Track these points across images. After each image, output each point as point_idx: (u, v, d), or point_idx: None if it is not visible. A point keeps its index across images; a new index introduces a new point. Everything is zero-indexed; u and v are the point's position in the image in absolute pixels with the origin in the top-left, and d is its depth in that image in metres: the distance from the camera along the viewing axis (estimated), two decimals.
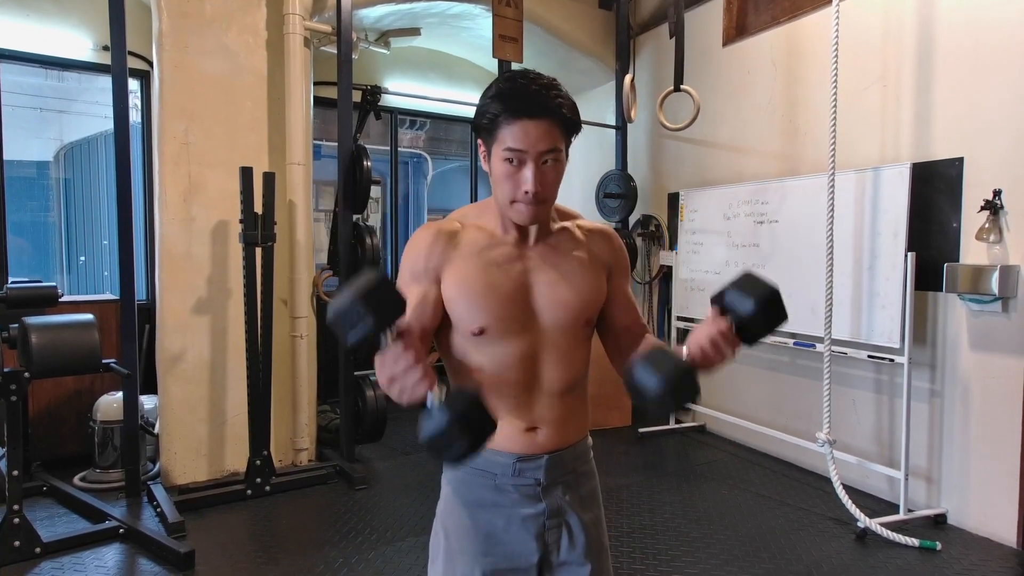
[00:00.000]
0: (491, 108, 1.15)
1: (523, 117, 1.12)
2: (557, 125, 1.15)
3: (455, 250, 1.22)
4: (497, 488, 1.25)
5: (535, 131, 1.13)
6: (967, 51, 3.22)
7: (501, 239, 1.24)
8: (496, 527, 1.25)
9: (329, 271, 4.35)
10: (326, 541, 3.06)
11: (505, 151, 1.14)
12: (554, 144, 1.15)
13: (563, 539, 1.27)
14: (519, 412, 1.23)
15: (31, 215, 5.07)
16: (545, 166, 1.15)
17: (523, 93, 1.13)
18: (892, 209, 3.37)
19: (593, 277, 1.28)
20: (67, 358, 2.88)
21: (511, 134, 1.13)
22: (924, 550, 3.01)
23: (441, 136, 7.02)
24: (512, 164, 1.14)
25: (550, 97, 1.14)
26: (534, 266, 1.24)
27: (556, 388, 1.25)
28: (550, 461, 1.25)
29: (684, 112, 4.65)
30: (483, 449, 1.00)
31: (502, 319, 1.20)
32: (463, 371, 1.25)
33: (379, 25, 5.06)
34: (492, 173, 1.19)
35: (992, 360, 3.14)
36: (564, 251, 1.27)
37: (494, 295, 1.20)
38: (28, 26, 4.06)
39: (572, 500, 1.29)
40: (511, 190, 1.16)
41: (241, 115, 3.80)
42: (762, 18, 4.43)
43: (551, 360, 1.24)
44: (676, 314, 4.89)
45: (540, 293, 1.23)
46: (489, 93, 1.17)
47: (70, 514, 3.32)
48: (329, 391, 4.75)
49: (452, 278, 1.21)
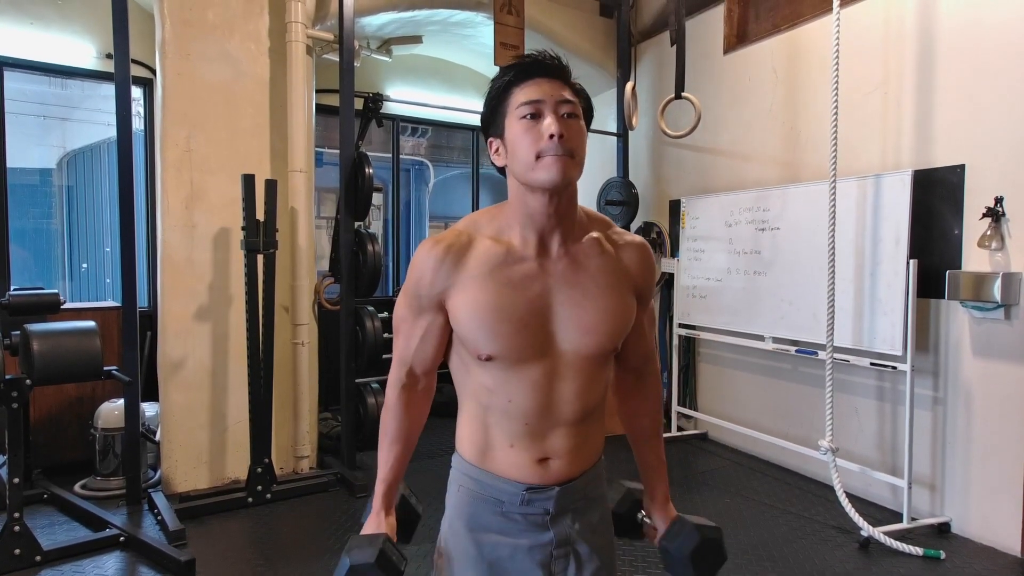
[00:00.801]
0: (501, 81, 1.11)
1: (536, 76, 1.09)
2: (571, 91, 1.10)
3: (463, 270, 1.11)
4: (504, 515, 1.17)
5: (549, 86, 1.08)
6: (968, 58, 3.22)
7: (519, 253, 1.12)
8: (501, 555, 1.18)
9: (331, 278, 4.35)
10: (327, 549, 3.05)
11: (521, 107, 1.07)
12: (571, 98, 1.09)
13: (571, 568, 1.20)
14: (529, 441, 1.14)
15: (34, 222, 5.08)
16: (564, 118, 1.07)
17: (533, 60, 1.11)
18: (893, 216, 3.37)
19: (622, 299, 1.16)
20: (68, 365, 2.88)
21: (525, 92, 1.08)
22: (928, 559, 2.99)
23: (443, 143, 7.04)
24: (528, 119, 1.07)
25: (562, 66, 1.11)
26: (556, 284, 1.12)
27: (572, 418, 1.15)
28: (561, 492, 1.16)
29: (685, 119, 4.66)
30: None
31: (515, 347, 1.10)
32: (469, 389, 1.18)
33: (381, 33, 5.08)
34: (509, 145, 1.10)
35: (995, 367, 3.13)
36: (591, 268, 1.14)
37: (506, 321, 1.09)
38: (32, 34, 4.08)
39: (582, 528, 1.20)
40: (532, 143, 1.06)
41: (243, 122, 3.82)
42: (763, 26, 4.44)
43: (568, 388, 1.13)
44: (678, 321, 4.88)
45: (561, 316, 1.12)
46: (496, 77, 1.14)
47: (71, 522, 3.31)
48: (330, 398, 4.75)
49: (459, 300, 1.11)
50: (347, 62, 3.98)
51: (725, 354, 4.72)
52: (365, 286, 4.12)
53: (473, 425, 1.19)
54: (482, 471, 1.18)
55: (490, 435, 1.17)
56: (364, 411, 4.08)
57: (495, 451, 1.17)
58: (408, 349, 1.19)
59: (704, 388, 4.95)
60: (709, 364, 4.90)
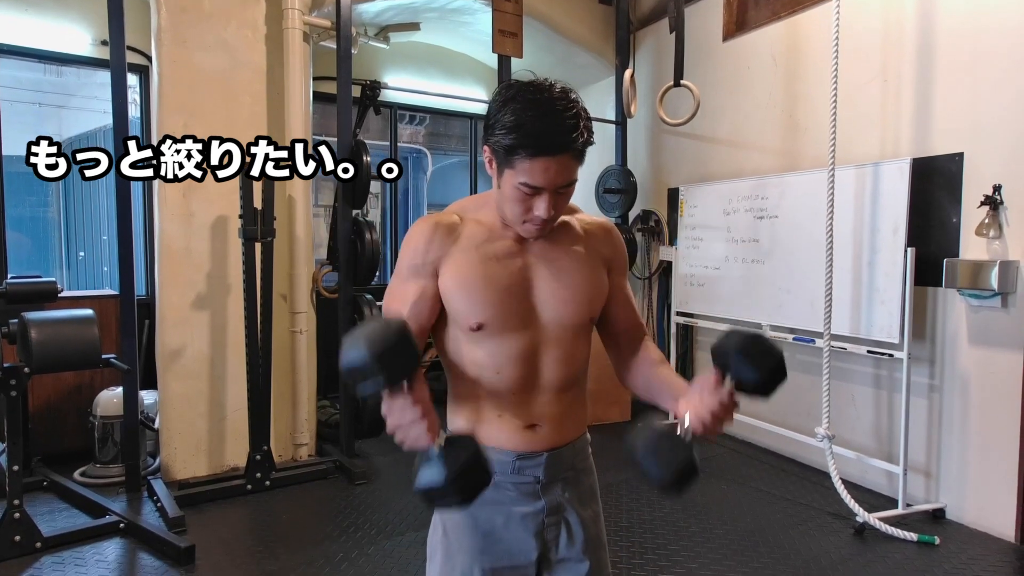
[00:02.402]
0: (508, 137, 1.08)
1: (544, 155, 1.07)
2: (576, 157, 1.11)
3: (454, 243, 1.19)
4: (496, 485, 1.21)
5: (554, 167, 1.08)
6: (968, 46, 3.21)
7: (501, 233, 1.21)
8: (495, 524, 1.24)
9: (329, 266, 4.35)
10: (326, 536, 3.07)
11: (520, 184, 1.10)
12: (571, 177, 1.12)
13: (562, 536, 1.26)
14: (518, 409, 1.22)
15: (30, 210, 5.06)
16: (559, 195, 1.13)
17: (545, 128, 1.07)
18: (892, 204, 3.37)
19: (594, 273, 1.26)
20: (67, 353, 2.88)
21: (528, 171, 1.09)
22: (922, 544, 3.01)
23: (441, 131, 7.01)
24: (525, 194, 1.12)
25: (573, 129, 1.08)
26: (534, 261, 1.22)
27: (556, 385, 1.23)
28: (550, 458, 1.24)
29: (684, 107, 4.64)
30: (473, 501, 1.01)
31: (501, 314, 1.17)
32: (460, 367, 1.23)
33: (378, 20, 5.05)
34: (502, 191, 1.15)
35: (991, 355, 3.14)
36: (565, 246, 1.24)
37: (493, 289, 1.17)
38: (27, 21, 4.05)
39: (571, 497, 1.28)
40: (521, 213, 1.14)
41: (240, 110, 3.80)
42: (762, 13, 4.42)
43: (551, 357, 1.22)
44: (676, 309, 4.89)
45: (541, 288, 1.21)
46: (507, 116, 1.09)
47: (70, 509, 3.32)
48: (329, 386, 4.76)
49: (450, 272, 1.18)
50: (344, 49, 3.96)
51: None
52: (363, 274, 4.12)
53: (463, 401, 1.25)
54: None
55: (480, 407, 1.23)
56: (363, 399, 4.09)
57: (485, 422, 1.23)
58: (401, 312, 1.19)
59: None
60: (707, 352, 4.87)
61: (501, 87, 1.15)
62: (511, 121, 1.08)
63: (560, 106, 1.08)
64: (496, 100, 1.13)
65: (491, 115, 1.12)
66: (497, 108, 1.11)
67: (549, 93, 1.09)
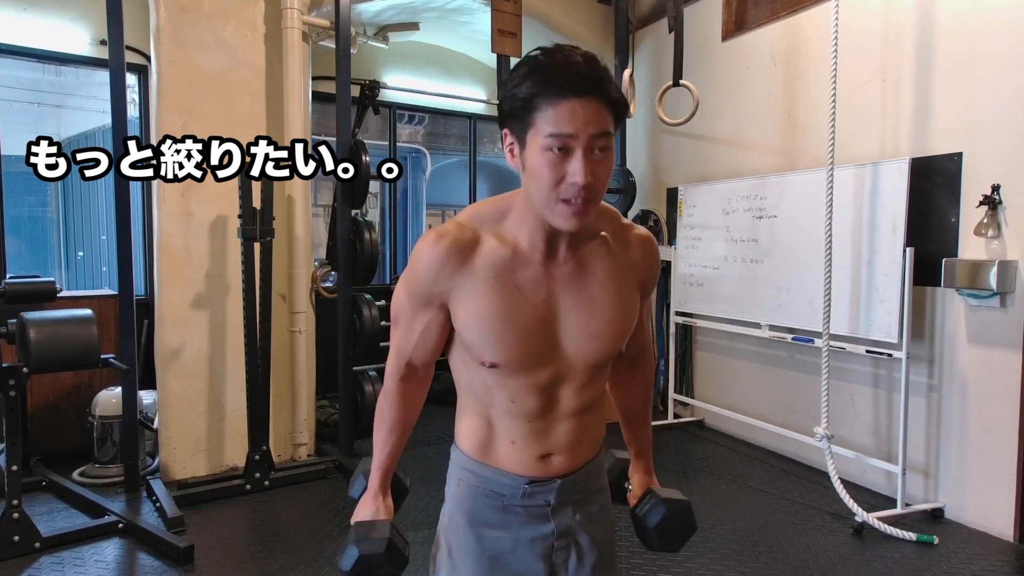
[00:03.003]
0: (526, 86, 0.94)
1: (569, 95, 0.93)
2: (607, 106, 0.95)
3: (467, 271, 1.05)
4: (505, 509, 1.16)
5: (584, 112, 0.93)
6: (967, 46, 3.21)
7: (526, 256, 1.05)
8: (503, 548, 1.16)
9: (328, 266, 4.35)
10: (325, 535, 3.07)
11: (547, 138, 0.94)
12: (606, 128, 0.95)
13: (572, 558, 1.19)
14: (532, 439, 1.13)
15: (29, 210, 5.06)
16: (595, 156, 0.95)
17: (567, 66, 0.94)
18: (891, 204, 3.37)
19: (627, 303, 1.13)
20: (65, 353, 2.88)
21: (554, 116, 0.93)
22: (921, 544, 3.02)
23: (440, 131, 7.01)
24: (555, 152, 0.94)
25: (599, 71, 0.95)
26: (562, 289, 1.07)
27: (574, 412, 1.14)
28: (563, 485, 1.16)
29: (683, 107, 4.64)
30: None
31: (519, 356, 1.06)
32: (470, 385, 1.15)
33: (378, 19, 5.05)
34: (528, 167, 0.98)
35: (990, 355, 3.14)
36: (597, 271, 1.09)
37: (511, 329, 1.04)
38: (25, 20, 4.04)
39: (582, 519, 1.19)
40: (555, 186, 0.96)
41: (239, 110, 3.79)
42: (762, 12, 4.42)
43: (572, 388, 1.12)
44: (675, 309, 4.89)
45: (568, 323, 1.08)
46: (520, 71, 0.96)
47: (69, 509, 3.32)
48: (328, 386, 4.75)
49: (464, 304, 1.06)
50: (343, 49, 3.96)
51: (722, 342, 4.73)
52: (362, 274, 4.12)
53: (474, 421, 1.17)
54: (483, 465, 1.16)
55: (491, 431, 1.15)
56: (362, 399, 4.09)
57: (496, 447, 1.15)
58: (407, 343, 1.16)
59: (701, 376, 4.97)
60: (706, 352, 4.92)
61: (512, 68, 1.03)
62: (526, 71, 0.96)
63: (580, 56, 0.96)
64: (511, 74, 1.00)
65: (505, 88, 0.99)
66: (511, 77, 0.99)
67: (568, 49, 0.97)
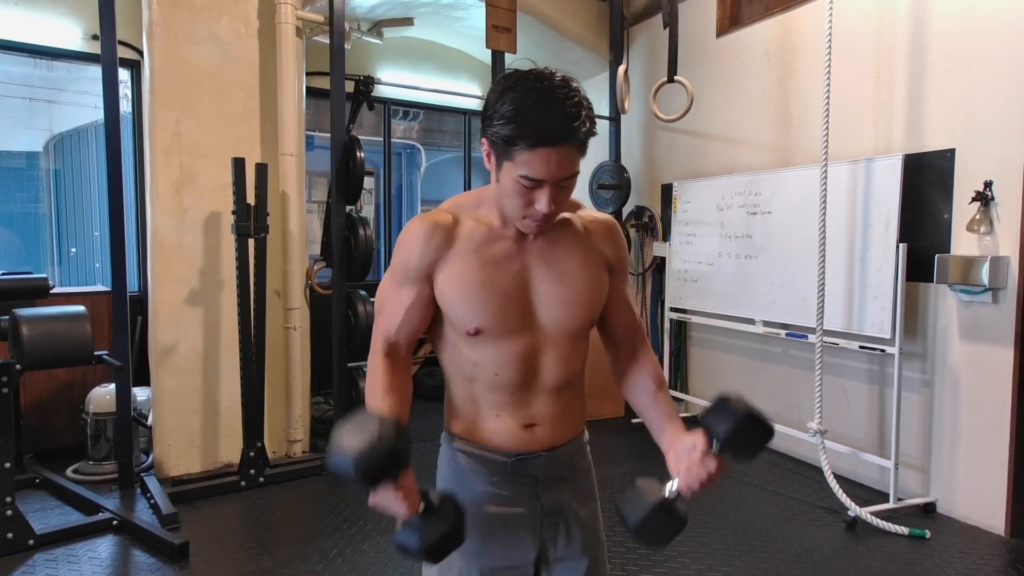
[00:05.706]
0: (507, 128, 1.03)
1: (544, 146, 1.02)
2: (578, 148, 1.06)
3: (450, 247, 1.15)
4: (494, 485, 1.22)
5: (556, 158, 1.03)
6: (960, 43, 3.22)
7: (499, 233, 1.17)
8: (493, 525, 1.22)
9: (322, 262, 4.34)
10: (321, 532, 3.07)
11: (520, 177, 1.05)
12: (573, 170, 1.07)
13: (560, 534, 1.25)
14: (516, 409, 1.20)
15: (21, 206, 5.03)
16: (560, 187, 1.08)
17: (545, 117, 1.02)
18: (884, 200, 3.38)
19: (595, 275, 1.22)
20: (59, 350, 2.87)
21: (528, 163, 1.04)
22: (913, 538, 3.04)
23: (434, 127, 6.99)
24: (525, 186, 1.06)
25: (575, 119, 1.03)
26: (534, 262, 1.18)
27: (554, 385, 1.21)
28: (548, 458, 1.23)
29: (678, 103, 4.64)
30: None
31: (500, 320, 1.15)
32: (457, 367, 1.21)
33: (372, 15, 5.03)
34: (501, 183, 1.10)
35: (982, 350, 3.16)
36: (565, 246, 1.20)
37: (492, 295, 1.14)
38: (17, 15, 4.01)
39: (570, 496, 1.26)
40: (522, 206, 1.09)
41: (233, 105, 3.78)
42: (756, 9, 4.43)
43: (550, 358, 1.20)
44: (669, 305, 4.90)
45: (540, 291, 1.18)
46: (505, 106, 1.04)
47: (63, 506, 3.31)
48: (323, 382, 4.75)
49: (447, 276, 1.15)
50: (337, 44, 3.94)
51: (716, 338, 4.74)
52: (357, 270, 4.11)
53: (461, 401, 1.24)
54: (471, 443, 1.23)
55: (478, 407, 1.22)
56: (356, 395, 4.09)
57: (483, 422, 1.22)
58: (393, 321, 1.20)
59: (695, 371, 4.98)
60: (700, 348, 4.93)
61: (500, 77, 1.09)
62: (510, 111, 1.03)
63: (561, 95, 1.03)
64: (494, 90, 1.07)
65: (489, 105, 1.07)
66: (495, 98, 1.06)
67: (549, 82, 1.04)
